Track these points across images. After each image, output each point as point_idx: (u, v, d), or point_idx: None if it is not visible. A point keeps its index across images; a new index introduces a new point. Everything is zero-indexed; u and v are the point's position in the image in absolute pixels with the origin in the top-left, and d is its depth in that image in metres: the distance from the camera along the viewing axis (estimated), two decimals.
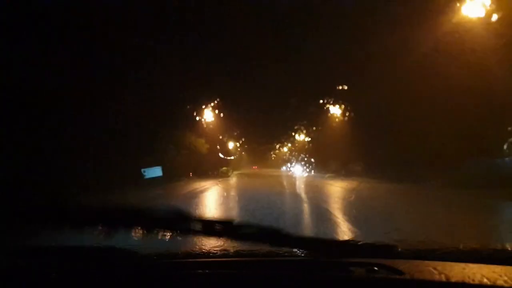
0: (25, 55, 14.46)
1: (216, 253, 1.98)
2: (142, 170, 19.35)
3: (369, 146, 21.25)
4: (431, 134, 15.31)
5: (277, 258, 1.88)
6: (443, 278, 1.41)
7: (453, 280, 1.40)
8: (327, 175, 26.79)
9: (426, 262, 1.62)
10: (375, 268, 1.54)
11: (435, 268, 1.50)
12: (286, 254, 1.90)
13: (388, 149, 19.17)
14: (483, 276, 1.41)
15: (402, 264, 1.56)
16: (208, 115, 32.97)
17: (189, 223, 1.66)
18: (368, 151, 21.67)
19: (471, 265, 1.53)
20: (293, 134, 44.24)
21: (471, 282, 1.38)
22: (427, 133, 15.55)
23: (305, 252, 1.88)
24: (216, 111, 33.60)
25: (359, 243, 1.79)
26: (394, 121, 17.45)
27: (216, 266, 1.78)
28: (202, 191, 16.88)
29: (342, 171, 26.36)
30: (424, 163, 15.78)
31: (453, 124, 14.18)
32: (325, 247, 1.80)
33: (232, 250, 1.94)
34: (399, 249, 1.76)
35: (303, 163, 40.63)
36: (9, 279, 1.69)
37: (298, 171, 39.88)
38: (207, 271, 1.70)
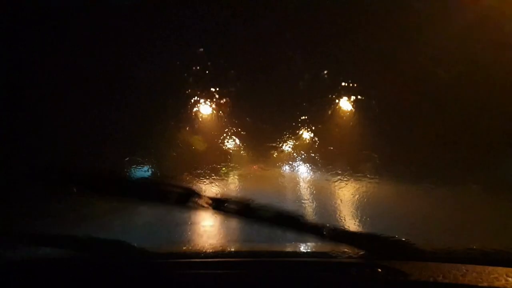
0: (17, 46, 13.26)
1: (216, 253, 2.04)
2: (126, 171, 17.51)
3: (383, 139, 19.26)
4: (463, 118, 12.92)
5: (278, 258, 1.92)
6: (448, 280, 1.37)
7: (459, 282, 1.36)
8: (334, 173, 25.32)
9: (431, 263, 1.58)
10: (379, 270, 1.53)
11: (439, 270, 1.46)
12: (287, 254, 1.99)
13: (405, 140, 17.04)
14: (491, 278, 1.35)
15: (406, 266, 1.53)
16: (207, 111, 31.59)
17: (203, 200, 1.71)
18: (381, 146, 19.68)
19: (478, 267, 1.47)
20: (297, 131, 42.58)
21: (478, 284, 1.31)
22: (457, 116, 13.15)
23: (307, 253, 1.96)
24: (216, 108, 32.29)
25: (363, 244, 1.75)
26: (418, 103, 15.05)
27: (216, 266, 1.79)
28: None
29: (350, 170, 24.72)
30: (453, 158, 13.52)
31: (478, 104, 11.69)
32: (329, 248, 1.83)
33: (232, 250, 2.08)
34: (403, 250, 1.71)
35: (307, 162, 39.02)
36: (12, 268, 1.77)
37: (302, 171, 38.38)
38: (207, 271, 1.75)
